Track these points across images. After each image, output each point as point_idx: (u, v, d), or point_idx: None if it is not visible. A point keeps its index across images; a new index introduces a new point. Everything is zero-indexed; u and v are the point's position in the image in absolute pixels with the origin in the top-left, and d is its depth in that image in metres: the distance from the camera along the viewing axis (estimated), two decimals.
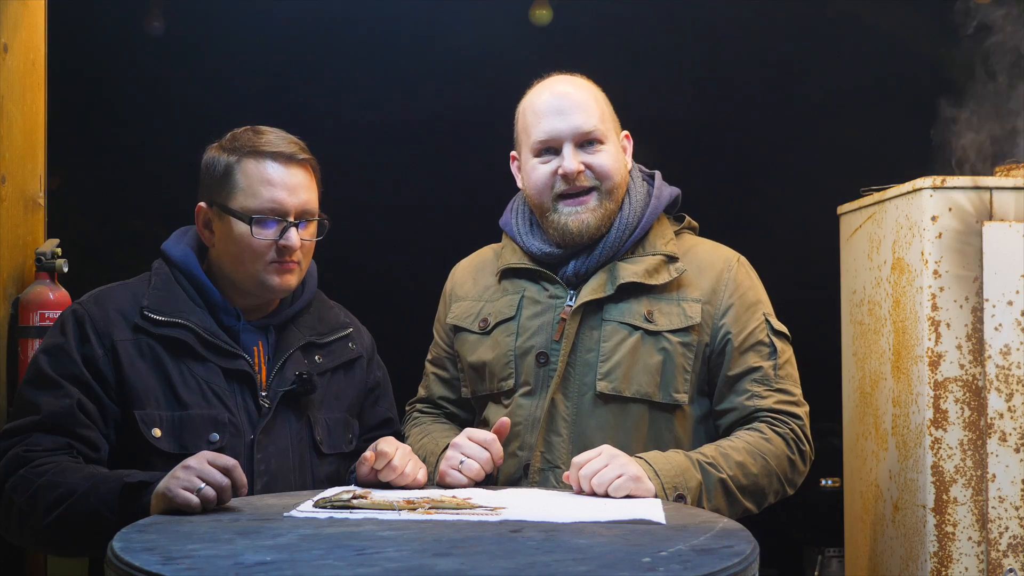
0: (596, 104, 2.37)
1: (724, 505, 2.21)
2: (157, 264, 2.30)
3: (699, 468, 2.19)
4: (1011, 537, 2.56)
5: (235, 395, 2.19)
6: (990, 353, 2.59)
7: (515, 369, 2.35)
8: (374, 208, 5.84)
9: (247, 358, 2.23)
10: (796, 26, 5.36)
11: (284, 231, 2.21)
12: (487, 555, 1.54)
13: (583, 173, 2.33)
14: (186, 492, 1.87)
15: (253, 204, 2.21)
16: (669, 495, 2.11)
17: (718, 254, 2.43)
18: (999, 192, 2.63)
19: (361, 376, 2.42)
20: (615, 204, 2.36)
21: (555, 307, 2.36)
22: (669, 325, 2.32)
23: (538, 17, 5.47)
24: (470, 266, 2.56)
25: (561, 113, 2.34)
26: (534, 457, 2.30)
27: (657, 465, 2.14)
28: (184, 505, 1.87)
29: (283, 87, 5.60)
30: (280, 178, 2.22)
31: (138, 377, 2.15)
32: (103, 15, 5.24)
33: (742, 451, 2.24)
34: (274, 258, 2.22)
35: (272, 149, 2.23)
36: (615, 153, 2.37)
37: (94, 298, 2.24)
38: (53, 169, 2.90)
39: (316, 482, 2.27)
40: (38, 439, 2.09)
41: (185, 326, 2.19)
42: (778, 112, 5.71)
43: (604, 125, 2.36)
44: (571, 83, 2.40)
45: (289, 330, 2.32)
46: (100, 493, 1.98)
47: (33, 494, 2.03)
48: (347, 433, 2.35)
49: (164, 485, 1.90)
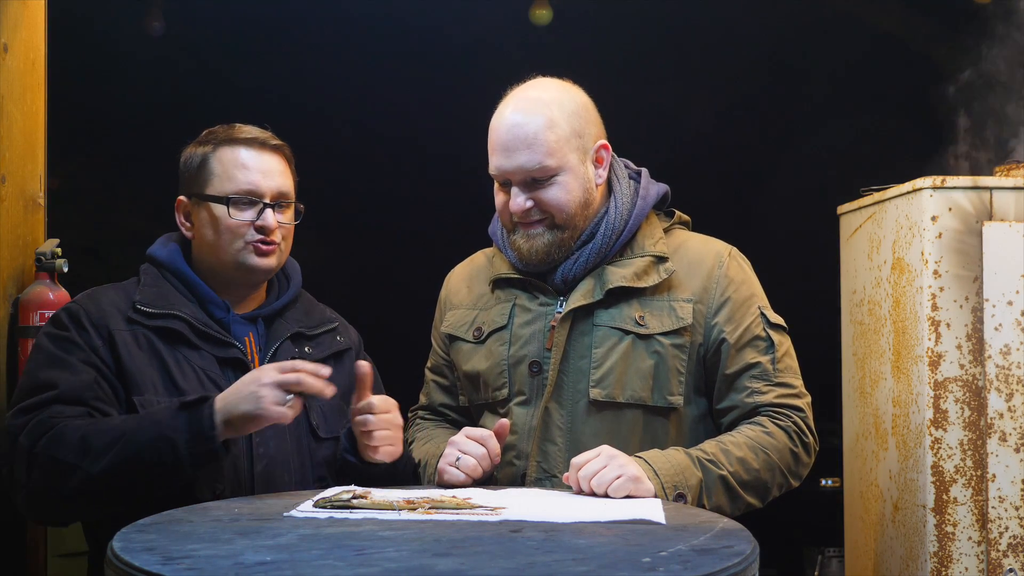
0: (550, 133, 2.25)
1: (726, 502, 2.19)
2: (144, 267, 2.35)
3: (699, 465, 2.17)
4: (1011, 537, 2.56)
5: (230, 381, 2.19)
6: (990, 353, 2.59)
7: (508, 379, 2.34)
8: (373, 210, 5.84)
9: (240, 346, 2.27)
10: (796, 26, 5.36)
11: (260, 213, 2.27)
12: (487, 555, 1.54)
13: (531, 210, 2.28)
14: (280, 407, 1.98)
15: (230, 187, 2.27)
16: (669, 494, 2.10)
17: (708, 249, 2.38)
18: (999, 192, 2.63)
19: (352, 367, 2.43)
20: (572, 230, 2.31)
21: (546, 315, 2.33)
22: (660, 328, 2.29)
23: (538, 17, 5.47)
24: (464, 273, 2.54)
25: (507, 151, 2.26)
26: (530, 466, 2.29)
27: (656, 464, 2.13)
28: (281, 419, 1.99)
29: (283, 87, 5.60)
30: (254, 163, 2.29)
31: (136, 365, 2.18)
32: (103, 15, 5.25)
33: (743, 446, 2.23)
34: (252, 239, 2.27)
35: (246, 136, 2.31)
36: (568, 183, 2.28)
37: (86, 295, 2.28)
38: (53, 169, 2.90)
39: (315, 464, 2.29)
40: (59, 409, 2.09)
41: (178, 316, 2.23)
42: (778, 112, 5.72)
43: (554, 157, 2.25)
44: (527, 107, 2.28)
45: (277, 322, 2.36)
46: (157, 420, 2.01)
47: (80, 443, 2.01)
48: (342, 418, 2.36)
49: (252, 408, 1.98)
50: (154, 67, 5.46)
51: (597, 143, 2.34)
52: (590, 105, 2.37)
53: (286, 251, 2.36)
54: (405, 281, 5.22)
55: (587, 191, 2.32)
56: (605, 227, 2.33)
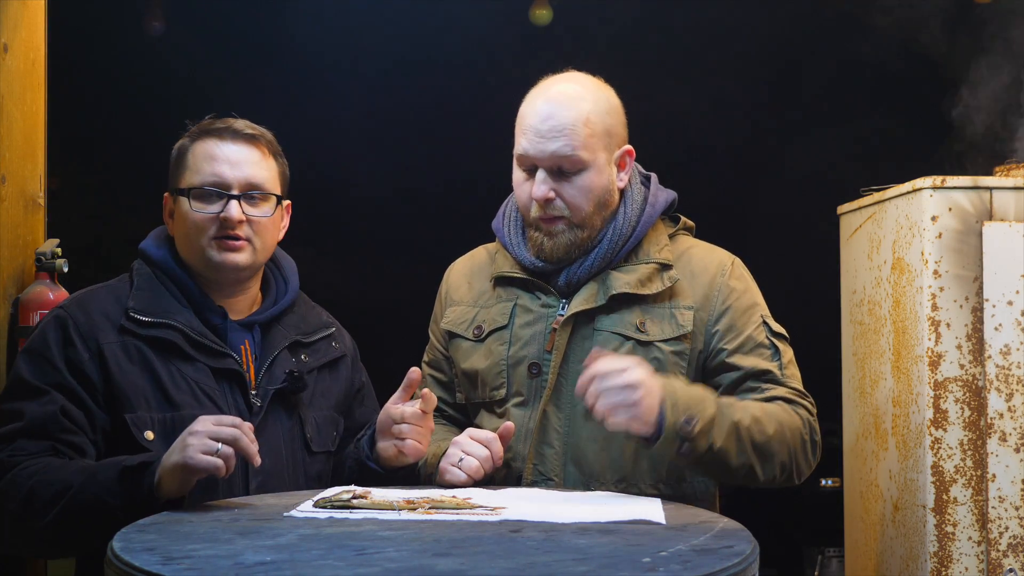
0: (584, 126, 2.26)
1: (733, 448, 2.12)
2: (137, 264, 2.27)
3: (716, 405, 2.13)
4: (1011, 537, 2.56)
5: (225, 394, 2.16)
6: (990, 353, 2.59)
7: (507, 379, 2.33)
8: (371, 207, 5.84)
9: (235, 356, 2.20)
10: (796, 26, 5.36)
11: (225, 205, 2.19)
12: (487, 555, 1.54)
13: (552, 201, 2.27)
14: (207, 456, 1.85)
15: (196, 180, 2.20)
16: (679, 418, 2.05)
17: (712, 258, 2.38)
18: (999, 192, 2.63)
19: (347, 375, 2.41)
20: (589, 231, 2.30)
21: (547, 317, 2.32)
22: (661, 335, 2.28)
23: (538, 17, 5.47)
24: (465, 269, 2.52)
25: (541, 136, 2.25)
26: (526, 469, 2.28)
27: (676, 394, 2.07)
28: (211, 469, 1.85)
29: (283, 87, 5.60)
30: (223, 153, 2.21)
31: (127, 380, 2.10)
32: (103, 15, 5.25)
33: (761, 410, 2.19)
34: (215, 233, 2.19)
35: (219, 127, 2.24)
36: (593, 180, 2.27)
37: (76, 301, 2.20)
38: (53, 169, 2.90)
39: (308, 480, 2.25)
40: (23, 445, 2.04)
41: (172, 326, 2.15)
42: (778, 112, 5.72)
43: (587, 151, 2.25)
44: (564, 97, 2.28)
45: (274, 329, 2.29)
46: (99, 481, 1.94)
47: (27, 496, 1.98)
48: (333, 431, 2.34)
49: (180, 457, 1.87)
50: (154, 67, 5.46)
51: (623, 147, 2.35)
52: (620, 108, 2.37)
53: (263, 247, 2.25)
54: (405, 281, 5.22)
55: (608, 192, 2.32)
56: (613, 232, 2.33)
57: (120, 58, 5.50)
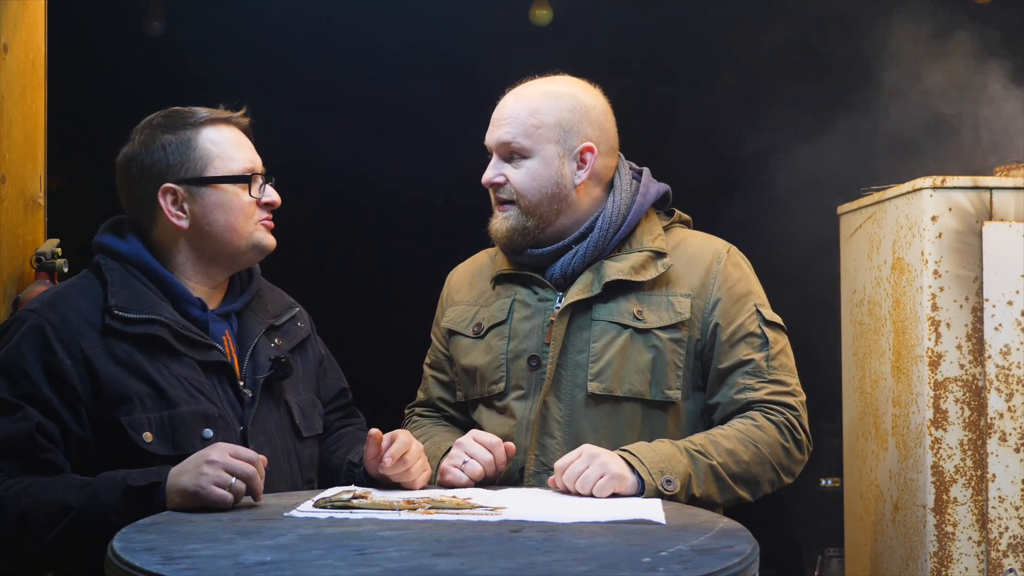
0: (531, 116, 2.32)
1: (715, 491, 2.19)
2: (103, 260, 2.17)
3: (687, 455, 2.17)
4: (1011, 537, 2.56)
5: (216, 387, 2.13)
6: (990, 353, 2.59)
7: (506, 373, 2.35)
8: (371, 208, 5.84)
9: (220, 348, 2.16)
10: (797, 26, 5.36)
11: (264, 189, 2.23)
12: (487, 555, 1.54)
13: (502, 186, 2.35)
14: (220, 489, 1.85)
15: (236, 166, 2.19)
16: (656, 479, 2.10)
17: (708, 247, 2.40)
18: (999, 192, 2.63)
19: (314, 353, 2.40)
20: (539, 220, 2.34)
21: (545, 309, 2.35)
22: (658, 322, 2.31)
23: (538, 17, 5.47)
24: (466, 272, 2.55)
25: (493, 123, 2.37)
26: (528, 460, 2.30)
27: (641, 454, 2.14)
28: (219, 502, 1.85)
29: (283, 87, 5.60)
30: (243, 140, 2.24)
31: (117, 383, 2.04)
32: (103, 15, 5.24)
33: (733, 439, 2.23)
34: (261, 217, 2.22)
35: (223, 116, 2.23)
36: (537, 170, 2.32)
37: (47, 305, 2.08)
38: (53, 169, 2.90)
39: (302, 467, 2.24)
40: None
41: (159, 321, 2.09)
42: (778, 112, 5.71)
43: (528, 139, 2.32)
44: (526, 92, 2.38)
45: (247, 316, 2.26)
46: (102, 502, 1.91)
47: (20, 520, 1.93)
48: (316, 413, 2.32)
49: (193, 483, 1.86)
50: (154, 67, 5.46)
51: (582, 144, 2.35)
52: (595, 108, 2.38)
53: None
54: (404, 282, 5.23)
55: (559, 186, 2.34)
56: (602, 221, 2.35)
57: (120, 58, 5.50)
